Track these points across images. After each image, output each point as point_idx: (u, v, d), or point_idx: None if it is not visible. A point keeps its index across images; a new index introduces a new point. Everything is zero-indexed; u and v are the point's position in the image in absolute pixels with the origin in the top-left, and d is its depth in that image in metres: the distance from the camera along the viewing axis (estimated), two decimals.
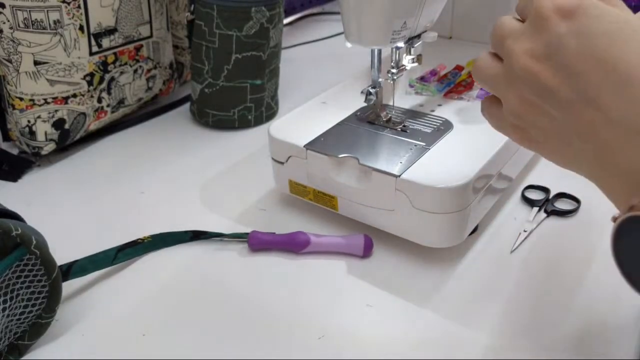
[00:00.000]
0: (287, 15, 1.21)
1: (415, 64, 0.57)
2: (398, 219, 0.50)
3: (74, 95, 0.68)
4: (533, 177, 0.63)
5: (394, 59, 0.55)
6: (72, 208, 0.61)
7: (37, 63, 0.64)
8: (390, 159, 0.51)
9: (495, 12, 0.71)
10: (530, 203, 0.59)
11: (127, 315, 0.47)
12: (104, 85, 0.71)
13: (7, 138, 0.70)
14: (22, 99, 0.65)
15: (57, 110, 0.67)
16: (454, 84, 0.64)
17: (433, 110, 0.59)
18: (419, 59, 0.57)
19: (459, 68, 0.67)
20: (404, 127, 0.56)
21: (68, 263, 0.48)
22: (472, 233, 0.53)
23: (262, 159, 0.68)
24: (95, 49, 0.69)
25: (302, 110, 0.60)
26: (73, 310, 0.47)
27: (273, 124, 0.57)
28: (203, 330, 0.45)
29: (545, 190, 0.60)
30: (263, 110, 0.77)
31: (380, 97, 0.57)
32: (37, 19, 0.62)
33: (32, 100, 0.65)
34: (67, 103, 0.67)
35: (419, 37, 0.56)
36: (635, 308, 0.46)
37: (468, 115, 0.58)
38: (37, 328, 0.43)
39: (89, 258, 0.50)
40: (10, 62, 0.63)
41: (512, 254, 0.52)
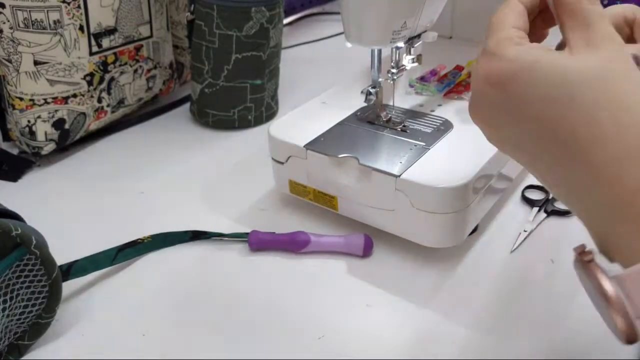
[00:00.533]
0: (287, 15, 1.21)
1: (415, 64, 0.57)
2: (398, 219, 0.50)
3: (74, 95, 0.68)
4: (533, 177, 0.63)
5: (394, 59, 0.55)
6: (72, 208, 0.61)
7: (37, 63, 0.64)
8: (390, 159, 0.51)
9: (495, 12, 0.71)
10: (530, 203, 0.59)
11: (127, 315, 0.47)
12: (104, 85, 0.71)
13: (7, 138, 0.70)
14: (22, 99, 0.65)
15: (57, 110, 0.67)
16: (454, 84, 0.64)
17: (433, 110, 0.59)
18: (419, 59, 0.57)
19: (459, 68, 0.67)
20: (404, 127, 0.56)
21: (68, 263, 0.48)
22: (472, 233, 0.53)
23: (262, 159, 0.68)
24: (95, 49, 0.69)
25: (302, 110, 0.60)
26: (73, 310, 0.47)
27: (273, 124, 0.57)
28: (203, 330, 0.45)
29: (546, 191, 0.60)
30: (263, 110, 0.77)
31: (380, 97, 0.57)
32: (37, 19, 0.62)
33: (32, 100, 0.65)
34: (67, 103, 0.67)
35: (419, 37, 0.56)
36: None
37: (468, 115, 0.57)
38: (37, 328, 0.43)
39: (89, 258, 0.50)
40: (10, 62, 0.63)
41: (512, 254, 0.52)
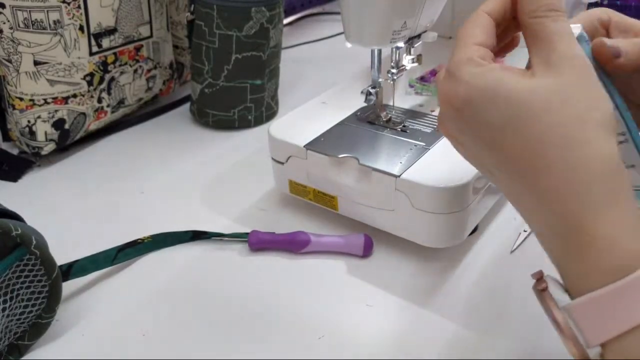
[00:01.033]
0: (287, 15, 1.21)
1: (415, 64, 0.57)
2: (398, 219, 0.50)
3: (74, 96, 0.68)
4: None
5: (394, 59, 0.55)
6: (72, 208, 0.61)
7: (37, 63, 0.64)
8: (390, 159, 0.51)
9: None
10: None
11: (127, 315, 0.47)
12: (104, 85, 0.71)
13: (7, 138, 0.70)
14: (22, 99, 0.65)
15: (57, 111, 0.67)
16: None
17: (433, 110, 0.59)
18: (419, 59, 0.57)
19: None
20: (404, 127, 0.56)
21: (68, 263, 0.48)
22: (472, 233, 0.53)
23: (262, 159, 0.68)
24: (95, 49, 0.69)
25: (302, 110, 0.60)
26: (73, 310, 0.47)
27: (273, 124, 0.57)
28: (203, 330, 0.45)
29: None
30: (263, 110, 0.77)
31: (380, 97, 0.57)
32: (37, 19, 0.62)
33: (32, 101, 0.65)
34: (67, 103, 0.67)
35: (419, 37, 0.56)
36: None
37: None
38: (37, 328, 0.43)
39: (89, 258, 0.50)
40: (10, 62, 0.63)
41: (512, 254, 0.52)
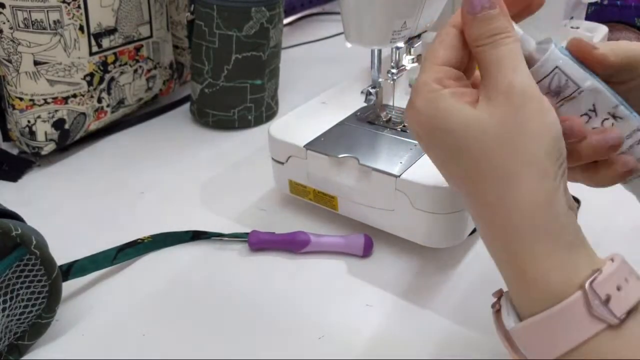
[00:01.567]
0: (287, 15, 1.21)
1: (415, 64, 0.57)
2: (398, 219, 0.50)
3: (74, 96, 0.68)
4: None
5: (394, 59, 0.55)
6: (72, 208, 0.61)
7: (37, 63, 0.64)
8: (390, 159, 0.51)
9: None
10: None
11: (127, 315, 0.47)
12: (104, 85, 0.71)
13: (7, 138, 0.70)
14: (22, 99, 0.65)
15: (57, 111, 0.67)
16: None
17: None
18: (419, 59, 0.57)
19: None
20: (404, 127, 0.56)
21: (68, 263, 0.48)
22: (472, 233, 0.53)
23: (262, 159, 0.68)
24: (95, 49, 0.69)
25: (302, 110, 0.60)
26: (73, 310, 0.47)
27: (273, 124, 0.57)
28: (203, 330, 0.45)
29: None
30: (263, 110, 0.77)
31: (380, 97, 0.57)
32: (37, 19, 0.62)
33: (32, 101, 0.65)
34: (67, 103, 0.67)
35: (419, 37, 0.56)
36: None
37: None
38: (37, 328, 0.43)
39: (89, 258, 0.50)
40: (10, 62, 0.63)
41: None
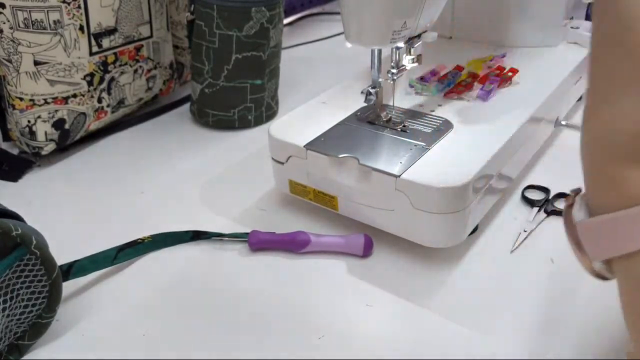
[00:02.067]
0: (287, 15, 1.21)
1: (415, 64, 0.57)
2: (398, 219, 0.50)
3: (74, 96, 0.68)
4: (533, 177, 0.63)
5: (394, 59, 0.55)
6: (72, 208, 0.61)
7: (37, 63, 0.64)
8: (390, 159, 0.51)
9: (495, 12, 0.71)
10: (530, 203, 0.59)
11: (127, 315, 0.47)
12: (104, 85, 0.71)
13: (7, 138, 0.70)
14: (22, 99, 0.65)
15: (57, 111, 0.67)
16: (454, 84, 0.64)
17: (433, 110, 0.59)
18: (419, 59, 0.57)
19: (459, 68, 0.67)
20: (404, 127, 0.56)
21: (68, 263, 0.48)
22: (472, 233, 0.53)
23: (262, 159, 0.68)
24: (96, 49, 0.69)
25: (302, 110, 0.60)
26: (73, 310, 0.47)
27: (273, 124, 0.57)
28: (203, 330, 0.45)
29: (545, 190, 0.60)
30: (263, 110, 0.77)
31: (380, 97, 0.57)
32: (37, 19, 0.62)
33: (32, 101, 0.65)
34: (67, 103, 0.67)
35: (419, 37, 0.56)
36: None
37: (468, 115, 0.58)
38: (37, 328, 0.43)
39: (89, 258, 0.50)
40: (11, 62, 0.63)
41: (512, 254, 0.52)
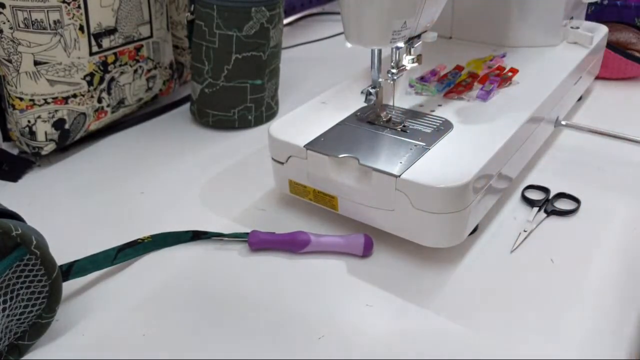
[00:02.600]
0: (287, 15, 1.21)
1: (415, 64, 0.57)
2: (398, 219, 0.50)
3: (74, 96, 0.68)
4: (533, 177, 0.63)
5: (394, 59, 0.55)
6: (72, 208, 0.61)
7: (37, 63, 0.64)
8: (390, 159, 0.51)
9: (495, 12, 0.71)
10: (530, 203, 0.59)
11: (127, 315, 0.47)
12: (104, 85, 0.71)
13: (7, 138, 0.70)
14: (22, 99, 0.65)
15: (57, 111, 0.67)
16: (454, 84, 0.64)
17: (433, 110, 0.59)
18: (419, 59, 0.57)
19: (459, 68, 0.67)
20: (404, 127, 0.56)
21: (68, 263, 0.48)
22: (472, 233, 0.53)
23: (262, 159, 0.68)
24: (96, 49, 0.69)
25: (302, 110, 0.60)
26: (73, 310, 0.47)
27: (273, 124, 0.57)
28: (203, 330, 0.45)
29: (545, 190, 0.60)
30: (263, 110, 0.77)
31: (380, 97, 0.57)
32: (37, 19, 0.62)
33: (32, 101, 0.65)
34: (67, 103, 0.68)
35: (419, 37, 0.56)
36: (636, 307, 0.46)
37: (468, 115, 0.58)
38: (37, 328, 0.43)
39: (89, 258, 0.50)
40: (10, 62, 0.63)
41: (512, 254, 0.52)
